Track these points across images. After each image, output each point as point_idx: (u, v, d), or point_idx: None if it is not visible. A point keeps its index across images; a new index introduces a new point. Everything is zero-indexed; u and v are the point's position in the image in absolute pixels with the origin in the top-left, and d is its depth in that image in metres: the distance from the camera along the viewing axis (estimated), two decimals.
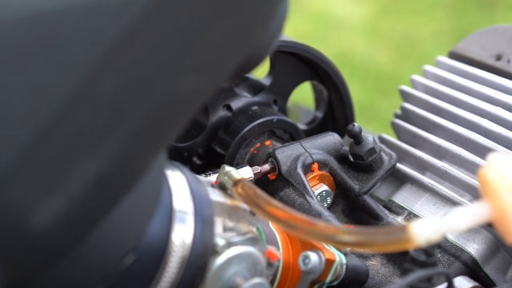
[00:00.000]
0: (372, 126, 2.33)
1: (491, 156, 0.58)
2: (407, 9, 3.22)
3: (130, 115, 0.49)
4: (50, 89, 0.45)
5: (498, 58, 0.96)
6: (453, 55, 1.01)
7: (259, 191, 0.67)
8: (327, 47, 2.91)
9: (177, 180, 0.64)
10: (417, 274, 0.62)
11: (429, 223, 0.58)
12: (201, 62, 0.52)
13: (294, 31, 3.02)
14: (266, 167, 0.85)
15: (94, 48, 0.46)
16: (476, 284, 0.78)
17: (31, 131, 0.45)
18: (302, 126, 0.98)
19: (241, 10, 0.53)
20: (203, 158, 0.92)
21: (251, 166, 0.86)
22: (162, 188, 0.62)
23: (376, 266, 0.82)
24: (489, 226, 0.83)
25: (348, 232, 0.61)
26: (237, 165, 0.89)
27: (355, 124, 0.86)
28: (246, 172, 0.82)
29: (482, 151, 0.87)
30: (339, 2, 3.17)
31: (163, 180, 0.63)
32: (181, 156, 0.90)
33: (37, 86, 0.45)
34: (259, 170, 0.84)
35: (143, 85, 0.49)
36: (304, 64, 0.95)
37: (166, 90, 0.50)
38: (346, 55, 2.90)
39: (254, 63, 0.63)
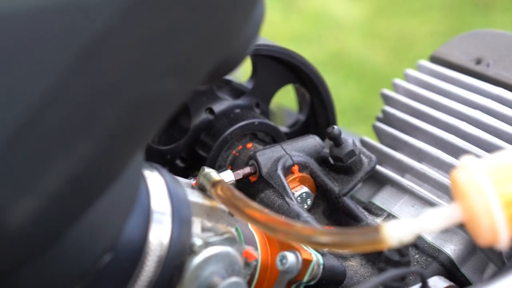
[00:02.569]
0: (367, 127, 2.34)
1: (462, 159, 0.60)
2: (403, 9, 3.23)
3: (103, 117, 0.50)
4: (23, 90, 0.46)
5: (478, 62, 0.98)
6: (434, 59, 1.02)
7: (237, 193, 0.68)
8: (323, 47, 2.92)
9: (155, 181, 0.65)
10: (390, 273, 0.64)
11: (402, 224, 0.59)
12: (175, 64, 0.53)
13: (290, 30, 3.03)
14: (247, 169, 0.86)
15: (66, 49, 0.47)
16: (451, 284, 0.80)
17: (4, 131, 0.46)
18: (284, 129, 0.99)
19: (216, 13, 0.54)
20: (185, 161, 0.93)
21: (233, 168, 0.87)
22: (139, 189, 0.63)
23: (355, 267, 0.84)
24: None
25: (323, 233, 0.62)
26: (219, 167, 0.90)
27: (335, 126, 0.87)
28: (227, 176, 0.83)
29: (461, 154, 0.89)
30: (336, 2, 3.18)
31: (141, 180, 0.64)
32: (163, 159, 0.91)
33: (9, 87, 0.46)
34: (239, 173, 0.85)
35: (116, 87, 0.49)
36: (286, 67, 0.96)
37: (140, 92, 0.51)
38: (342, 55, 2.91)
39: (230, 66, 0.64)
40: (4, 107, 0.46)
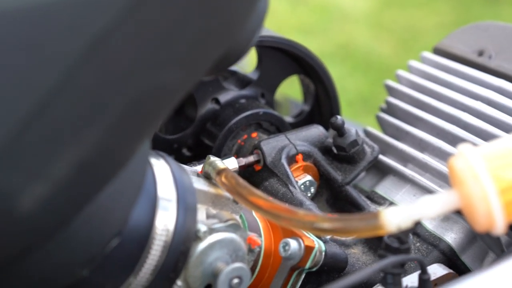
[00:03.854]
0: (373, 118, 2.35)
1: (459, 147, 0.61)
2: (410, 1, 3.24)
3: (110, 107, 0.51)
4: (33, 80, 0.48)
5: (480, 54, 0.99)
6: (438, 51, 1.04)
7: (241, 181, 0.69)
8: (330, 39, 2.93)
9: (161, 168, 0.67)
10: (390, 259, 0.65)
11: (400, 210, 0.60)
12: (180, 56, 0.54)
13: (297, 22, 3.04)
14: (251, 158, 0.88)
15: (75, 42, 0.48)
16: (451, 271, 0.81)
17: (15, 120, 0.48)
18: (289, 119, 1.00)
19: (219, 6, 0.55)
20: (192, 149, 0.95)
21: (238, 157, 0.89)
22: (145, 176, 0.64)
23: (357, 254, 0.85)
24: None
25: (325, 219, 0.64)
26: (225, 156, 0.92)
27: (338, 116, 0.88)
28: (231, 163, 0.85)
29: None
30: None
31: (148, 168, 0.66)
32: (170, 148, 0.93)
33: (21, 77, 0.48)
34: (243, 162, 0.87)
35: (122, 79, 0.51)
36: (290, 58, 0.98)
37: (145, 84, 0.52)
38: (349, 46, 2.92)
39: (234, 58, 0.65)
40: (15, 96, 0.48)
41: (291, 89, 1.23)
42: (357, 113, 2.56)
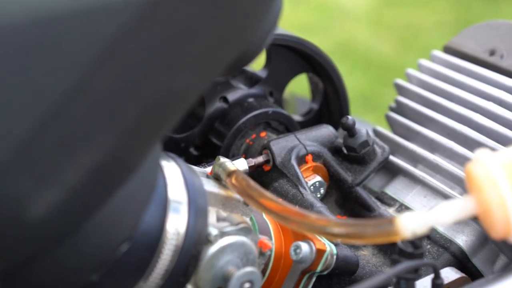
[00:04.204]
0: (373, 117, 2.34)
1: (477, 152, 0.60)
2: None
3: (124, 111, 0.50)
4: (47, 86, 0.47)
5: (492, 53, 0.98)
6: (448, 50, 1.02)
7: (252, 183, 0.68)
8: (331, 37, 2.92)
9: (172, 171, 0.66)
10: (404, 265, 0.64)
11: (416, 216, 0.59)
12: (194, 59, 0.54)
13: (298, 20, 3.03)
14: (260, 158, 0.87)
15: (89, 47, 0.47)
16: (463, 275, 0.80)
17: (28, 125, 0.47)
18: (298, 118, 0.99)
19: (234, 9, 0.54)
20: (199, 149, 0.94)
21: (246, 157, 0.88)
22: (157, 179, 0.63)
23: (367, 256, 0.84)
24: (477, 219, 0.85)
25: (337, 224, 0.63)
26: (233, 156, 0.91)
27: (349, 117, 0.87)
28: (241, 164, 0.83)
29: (473, 145, 0.89)
30: None
31: (159, 171, 0.65)
32: (178, 147, 0.92)
33: (35, 83, 0.47)
34: (253, 163, 0.86)
35: (136, 83, 0.50)
36: (299, 56, 0.97)
37: (160, 88, 0.52)
38: (349, 44, 2.91)
39: (248, 59, 0.64)
40: (28, 101, 0.47)
41: (297, 86, 1.22)
42: (357, 112, 2.54)
